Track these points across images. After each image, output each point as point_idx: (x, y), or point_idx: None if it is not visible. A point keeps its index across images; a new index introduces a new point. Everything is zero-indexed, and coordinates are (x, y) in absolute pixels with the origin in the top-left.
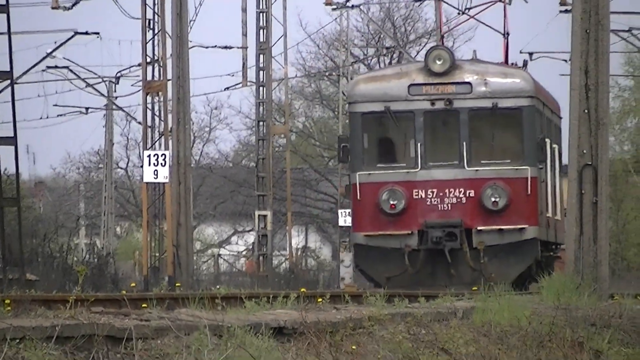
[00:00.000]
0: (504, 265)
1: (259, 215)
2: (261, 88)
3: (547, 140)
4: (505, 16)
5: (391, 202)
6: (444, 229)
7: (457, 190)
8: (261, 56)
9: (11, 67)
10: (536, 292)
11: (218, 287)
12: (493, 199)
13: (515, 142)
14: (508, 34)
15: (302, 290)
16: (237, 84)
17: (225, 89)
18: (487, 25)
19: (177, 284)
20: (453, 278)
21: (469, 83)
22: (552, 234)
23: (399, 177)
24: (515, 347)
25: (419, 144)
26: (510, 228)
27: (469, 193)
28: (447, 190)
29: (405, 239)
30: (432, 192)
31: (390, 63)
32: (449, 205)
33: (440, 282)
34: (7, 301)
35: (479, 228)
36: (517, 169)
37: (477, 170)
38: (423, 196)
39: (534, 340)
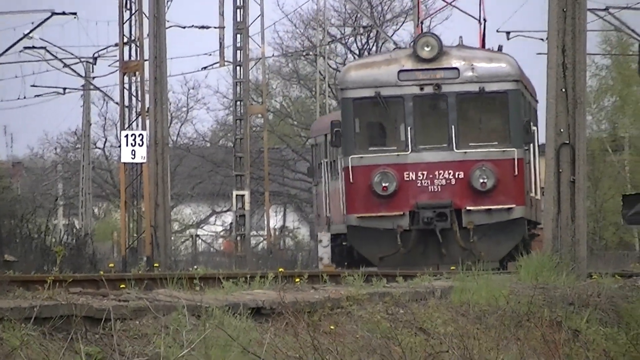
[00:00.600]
0: (493, 244)
1: (236, 195)
2: (238, 68)
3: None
4: (481, 2)
5: (383, 184)
6: (434, 209)
7: (446, 172)
8: (238, 36)
9: None
10: (514, 272)
11: (196, 267)
12: (481, 180)
13: (502, 125)
14: (485, 20)
15: (280, 270)
16: (214, 64)
17: (202, 69)
18: (464, 12)
19: (155, 265)
20: (444, 257)
21: (456, 68)
22: (534, 213)
23: (390, 159)
24: (494, 326)
25: (409, 128)
26: (498, 208)
27: (458, 175)
28: (436, 172)
29: (397, 220)
30: (423, 174)
31: (367, 42)
32: (439, 186)
33: (432, 262)
34: None
35: (468, 208)
36: (504, 150)
37: (465, 152)
38: (414, 178)
39: (512, 320)
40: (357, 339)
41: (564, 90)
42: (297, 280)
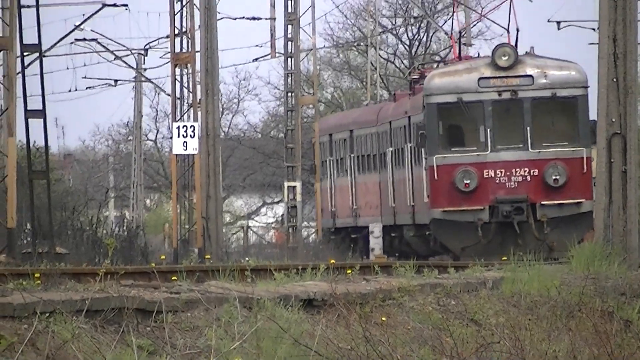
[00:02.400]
0: (564, 235)
1: (288, 187)
2: (289, 59)
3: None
4: (513, 13)
5: (465, 181)
6: (512, 204)
7: (522, 170)
8: (289, 27)
9: (39, 40)
10: (565, 262)
11: (247, 259)
12: (554, 177)
13: (572, 127)
14: (518, 30)
15: (331, 261)
16: (265, 55)
17: (253, 60)
18: (496, 23)
19: (206, 256)
20: (520, 248)
21: (531, 76)
22: None
23: (471, 159)
24: (545, 317)
25: (488, 130)
26: (569, 202)
27: (533, 172)
28: (513, 170)
29: (478, 214)
30: (501, 172)
31: (418, 33)
32: (516, 183)
33: (509, 252)
34: (37, 275)
35: (542, 203)
36: (574, 150)
37: (539, 152)
38: (492, 175)
39: (564, 310)
40: (408, 330)
41: (615, 80)
42: (349, 271)
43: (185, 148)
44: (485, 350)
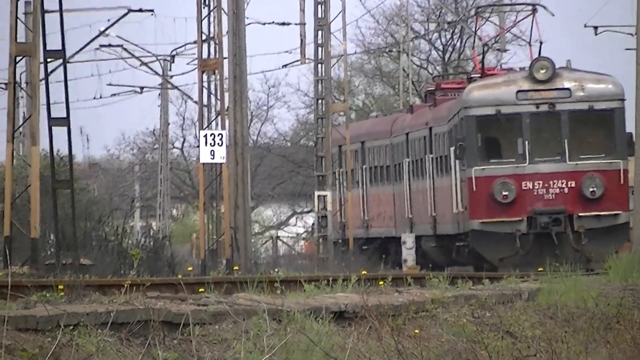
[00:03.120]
0: (601, 246)
1: (318, 196)
2: (320, 65)
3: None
4: (536, 26)
5: (503, 193)
6: (550, 215)
7: (560, 182)
8: (319, 32)
9: (63, 46)
10: (603, 273)
11: (277, 270)
12: (591, 189)
13: (609, 139)
14: (541, 42)
15: (363, 272)
16: (295, 61)
17: (283, 67)
18: (518, 37)
19: (235, 268)
20: (558, 258)
21: (568, 89)
22: None
23: (510, 170)
24: (582, 329)
25: (526, 142)
26: (606, 214)
27: (570, 184)
28: (551, 182)
29: (516, 225)
30: (539, 184)
31: (451, 38)
32: (553, 194)
33: (547, 263)
34: (61, 286)
35: (579, 214)
36: (610, 162)
37: (577, 164)
38: (530, 187)
39: (601, 322)
40: (442, 343)
41: None
42: (381, 283)
43: (212, 157)
44: None
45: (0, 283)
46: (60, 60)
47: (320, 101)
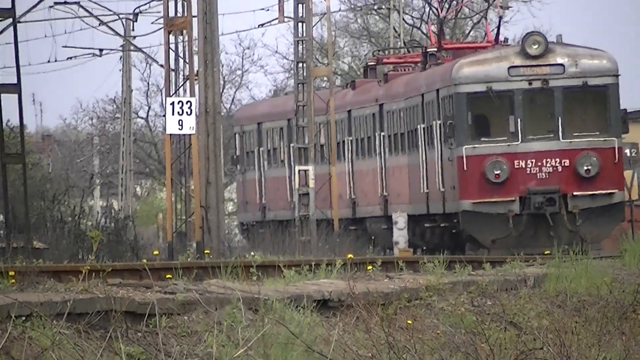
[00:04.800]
0: (596, 226)
1: (299, 171)
2: (300, 24)
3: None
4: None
5: (495, 172)
6: (544, 195)
7: (553, 160)
8: None
9: (13, 4)
10: (617, 256)
11: (253, 254)
12: (586, 167)
13: (603, 116)
14: (501, 16)
15: (349, 256)
16: (272, 20)
17: (259, 26)
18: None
19: (206, 251)
20: (552, 240)
21: (561, 64)
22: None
23: (502, 149)
24: (595, 319)
25: (518, 120)
26: (601, 193)
27: (564, 162)
28: (544, 160)
29: (509, 205)
30: (532, 162)
31: None
32: (547, 173)
33: (541, 244)
34: (12, 273)
35: (574, 194)
36: (605, 139)
37: (570, 141)
38: (523, 166)
39: (616, 312)
40: (438, 335)
41: None
42: (369, 267)
43: (180, 127)
44: (526, 358)
45: None
46: (10, 20)
47: (300, 64)
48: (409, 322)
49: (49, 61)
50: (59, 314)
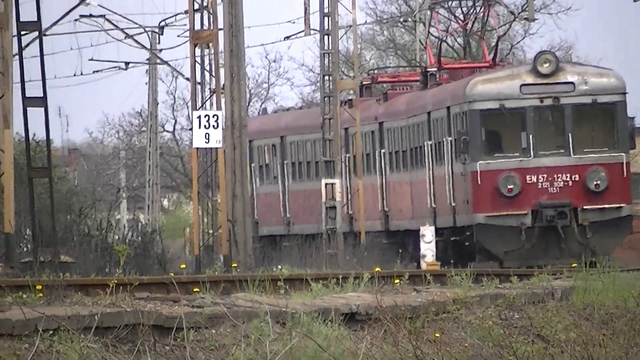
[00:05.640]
0: (605, 238)
1: (325, 184)
2: (326, 37)
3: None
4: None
5: (508, 186)
6: (555, 208)
7: (564, 175)
8: (326, 0)
9: (39, 17)
10: None
11: (280, 267)
12: (596, 182)
13: (612, 132)
14: (500, 36)
15: (376, 269)
16: (298, 33)
17: (285, 39)
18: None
19: (233, 265)
20: (563, 252)
21: (572, 83)
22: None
23: (514, 164)
24: (622, 332)
25: (530, 136)
26: (610, 207)
27: (575, 177)
28: (555, 175)
29: (521, 218)
30: (543, 177)
31: (473, 6)
32: (558, 188)
33: (552, 256)
34: (39, 287)
35: (584, 207)
36: (614, 155)
37: (580, 157)
38: (535, 180)
39: None
40: (465, 348)
41: None
42: (397, 281)
43: (207, 141)
44: None
45: None
46: (36, 33)
47: (327, 77)
48: (437, 335)
49: (74, 74)
50: (87, 328)
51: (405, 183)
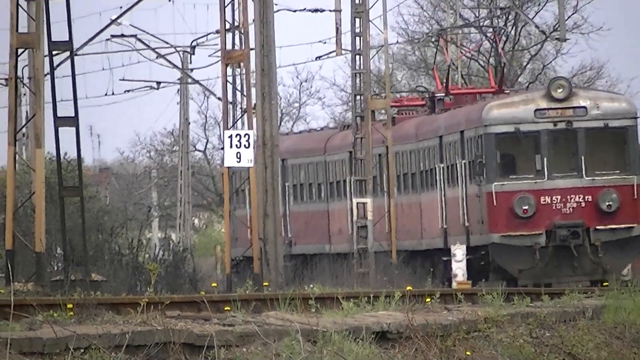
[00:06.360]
0: (616, 258)
1: (357, 204)
2: (357, 56)
3: None
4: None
5: (523, 207)
6: (569, 228)
7: (577, 196)
8: (357, 20)
9: (70, 37)
10: None
11: (311, 286)
12: (607, 203)
13: (622, 155)
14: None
15: (407, 288)
16: (329, 53)
17: (316, 59)
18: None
19: (264, 284)
20: (576, 270)
21: (584, 107)
22: None
23: (529, 186)
24: None
25: (544, 158)
26: (621, 227)
27: (587, 198)
28: (569, 196)
29: (535, 238)
30: (557, 198)
31: (505, 26)
32: (571, 208)
33: (565, 274)
34: (70, 305)
35: (596, 227)
36: (625, 177)
37: (593, 179)
38: (549, 202)
39: None
40: None
41: None
42: (428, 299)
43: (238, 160)
44: None
45: (2, 302)
46: (67, 53)
47: (358, 97)
48: (468, 353)
49: (106, 94)
50: (118, 346)
51: (415, 204)
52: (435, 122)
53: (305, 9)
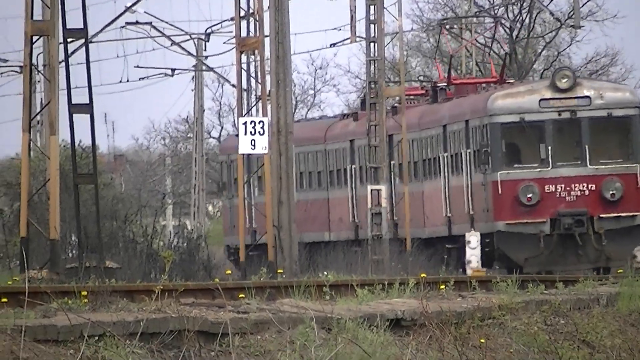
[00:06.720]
0: (620, 246)
1: (371, 190)
2: (372, 44)
3: None
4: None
5: (528, 196)
6: (573, 217)
7: (581, 185)
8: (372, 7)
9: (85, 24)
10: None
11: (325, 273)
12: (611, 192)
13: (626, 144)
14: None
15: (422, 275)
16: (344, 40)
17: (331, 46)
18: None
19: (278, 271)
20: (580, 258)
21: (588, 97)
22: None
23: (533, 175)
24: None
25: (549, 148)
26: (624, 215)
27: (591, 187)
28: (573, 185)
29: (540, 226)
30: (561, 187)
31: (519, 13)
32: (575, 197)
33: (570, 262)
34: (84, 293)
35: (600, 215)
36: (628, 166)
37: (597, 168)
38: (553, 190)
39: None
40: (511, 354)
41: None
42: (442, 287)
43: (253, 147)
44: None
45: (17, 289)
46: (82, 40)
47: (373, 84)
48: (482, 341)
49: (120, 81)
50: (132, 334)
51: (417, 193)
52: (439, 112)
53: None
